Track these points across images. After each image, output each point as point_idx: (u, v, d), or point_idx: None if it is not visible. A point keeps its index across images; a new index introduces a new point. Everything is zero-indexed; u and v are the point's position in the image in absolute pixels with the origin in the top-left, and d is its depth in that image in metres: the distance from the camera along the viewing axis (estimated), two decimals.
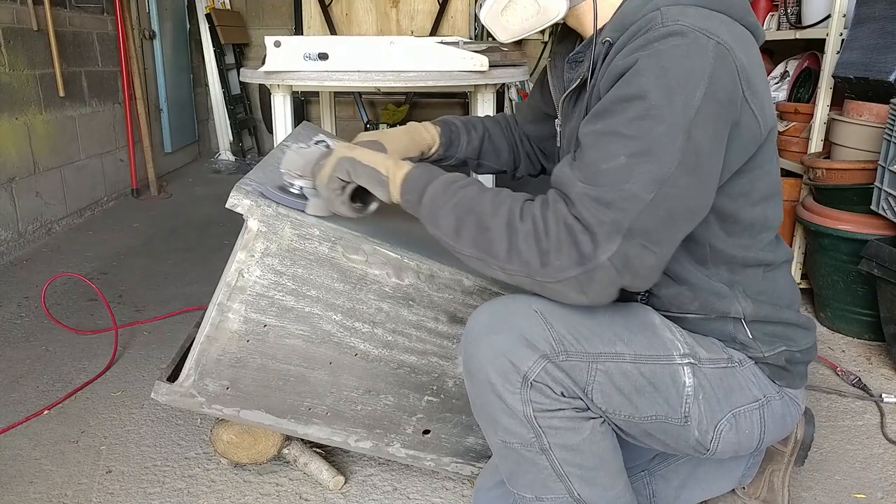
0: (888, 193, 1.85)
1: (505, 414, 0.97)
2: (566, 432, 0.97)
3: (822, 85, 2.24)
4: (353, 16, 3.62)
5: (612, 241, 0.84)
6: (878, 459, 1.52)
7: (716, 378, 1.03)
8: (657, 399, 0.99)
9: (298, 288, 1.13)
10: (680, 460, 1.22)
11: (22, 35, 2.94)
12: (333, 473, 1.39)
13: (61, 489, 1.40)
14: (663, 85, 0.86)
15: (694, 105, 0.86)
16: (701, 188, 0.90)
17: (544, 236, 0.87)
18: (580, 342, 0.96)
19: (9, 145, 2.85)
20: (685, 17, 0.90)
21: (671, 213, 0.87)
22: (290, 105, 1.93)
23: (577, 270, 0.86)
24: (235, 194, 1.07)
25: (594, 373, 0.96)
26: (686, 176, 0.86)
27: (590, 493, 1.01)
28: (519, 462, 1.01)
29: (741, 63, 0.89)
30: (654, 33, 0.90)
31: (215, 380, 1.17)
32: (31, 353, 1.99)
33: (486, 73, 1.80)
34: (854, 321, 2.11)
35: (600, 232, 0.85)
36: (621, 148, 0.87)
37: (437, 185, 0.98)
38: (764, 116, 0.95)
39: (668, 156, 0.85)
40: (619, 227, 0.84)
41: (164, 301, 2.38)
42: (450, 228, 0.94)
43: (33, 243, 3.01)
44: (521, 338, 0.95)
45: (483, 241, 0.91)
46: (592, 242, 0.85)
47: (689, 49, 0.87)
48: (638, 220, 0.85)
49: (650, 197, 0.85)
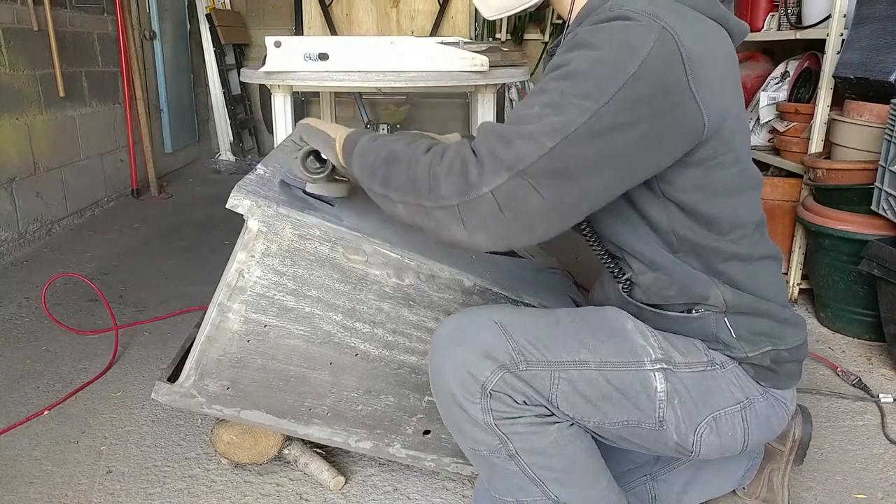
0: (888, 194, 1.85)
1: (468, 423, 0.98)
2: (531, 436, 0.98)
3: (823, 85, 2.24)
4: (354, 16, 3.62)
5: (498, 175, 0.85)
6: (879, 460, 1.52)
7: (692, 382, 1.02)
8: (626, 405, 0.99)
9: (299, 288, 1.13)
10: (682, 464, 1.22)
11: (22, 35, 2.94)
12: (334, 474, 1.39)
13: (61, 489, 1.40)
14: (593, 57, 0.87)
15: (620, 81, 0.84)
16: (608, 160, 0.87)
17: (438, 164, 0.89)
18: (541, 351, 0.97)
19: (9, 145, 2.85)
20: (635, 3, 0.90)
21: (569, 169, 0.85)
22: (290, 105, 1.93)
23: (458, 199, 0.87)
24: (236, 194, 1.07)
25: (556, 381, 0.97)
26: (591, 139, 0.85)
27: (567, 494, 1.02)
28: (491, 468, 1.02)
29: (688, 51, 0.87)
30: (601, 16, 0.91)
31: (216, 380, 1.17)
32: (31, 354, 1.99)
33: (486, 74, 1.80)
34: (854, 321, 2.11)
35: (488, 164, 0.85)
36: (537, 101, 0.88)
37: (370, 136, 1.02)
38: (710, 108, 0.90)
39: (576, 113, 0.85)
40: (510, 166, 0.84)
41: (164, 301, 2.38)
42: (367, 166, 0.98)
43: (34, 243, 3.01)
44: (480, 349, 0.96)
45: (389, 175, 0.94)
46: (479, 175, 0.86)
47: (629, 30, 0.87)
48: (535, 163, 0.84)
49: (550, 145, 0.84)
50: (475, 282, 1.19)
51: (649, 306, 1.07)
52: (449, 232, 0.90)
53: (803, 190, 2.33)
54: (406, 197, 0.92)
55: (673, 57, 0.86)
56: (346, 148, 1.04)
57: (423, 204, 0.90)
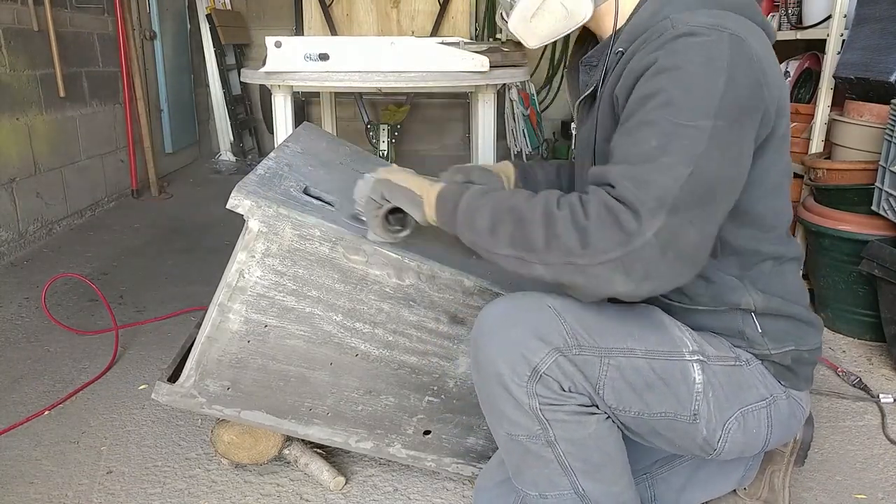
0: (889, 194, 1.85)
1: (511, 405, 0.97)
2: (572, 426, 0.98)
3: (823, 85, 2.24)
4: (354, 16, 3.62)
5: (656, 216, 0.83)
6: (879, 460, 1.52)
7: (724, 375, 1.04)
8: (667, 395, 1.00)
9: (299, 288, 1.13)
10: (682, 463, 1.22)
11: (23, 35, 2.94)
12: (334, 474, 1.39)
13: (62, 490, 1.40)
14: (683, 79, 0.88)
15: (717, 93, 0.87)
16: (735, 164, 0.91)
17: (584, 218, 0.86)
18: (592, 337, 0.97)
19: (9, 146, 2.85)
20: (695, 19, 0.93)
21: (710, 188, 0.87)
22: (290, 105, 1.93)
23: (620, 251, 0.83)
24: (236, 195, 1.07)
25: (606, 368, 0.97)
26: (719, 151, 0.87)
27: (594, 488, 1.02)
28: (524, 455, 1.01)
29: (756, 52, 0.92)
30: (667, 35, 0.92)
31: (216, 380, 1.17)
32: (31, 354, 1.99)
33: (486, 74, 1.80)
34: (855, 322, 2.11)
35: (643, 209, 0.83)
36: (650, 134, 0.88)
37: (472, 192, 0.99)
38: (775, 106, 0.96)
39: (697, 132, 0.86)
40: (662, 203, 0.83)
41: (164, 301, 2.38)
42: (485, 228, 0.94)
43: (34, 244, 3.01)
44: (534, 331, 0.95)
45: (520, 236, 0.90)
46: (636, 220, 0.83)
47: (703, 44, 0.90)
48: (681, 194, 0.84)
49: (689, 171, 0.84)
50: (476, 282, 1.19)
51: (678, 303, 1.08)
52: (610, 286, 0.86)
53: (804, 190, 2.33)
54: (548, 257, 0.88)
55: (748, 58, 0.91)
56: (441, 207, 1.01)
57: (575, 262, 0.85)
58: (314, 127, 1.74)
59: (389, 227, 1.10)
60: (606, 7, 1.06)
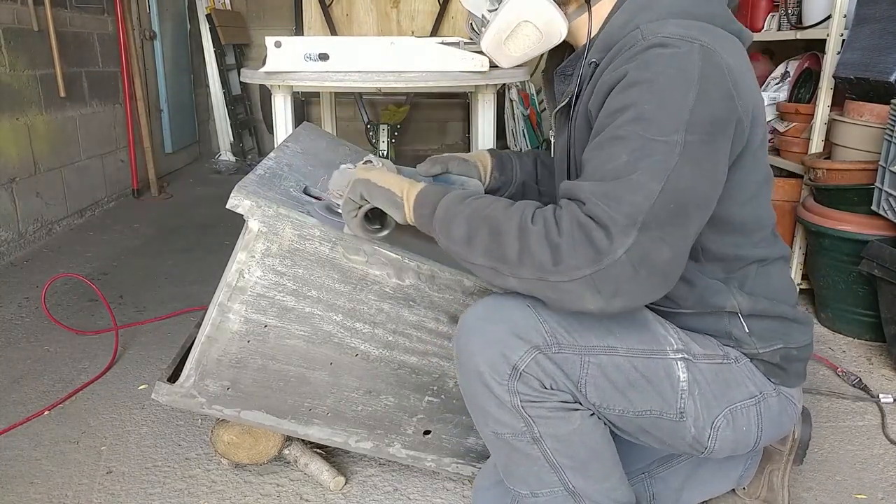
0: (889, 194, 1.85)
1: (493, 404, 0.98)
2: (555, 422, 0.98)
3: (823, 85, 2.24)
4: (354, 16, 3.62)
5: (628, 234, 0.83)
6: (879, 460, 1.52)
7: (711, 373, 1.04)
8: (651, 393, 1.00)
9: (299, 288, 1.13)
10: (680, 462, 1.22)
11: (22, 35, 2.95)
12: (334, 474, 1.39)
13: (62, 490, 1.40)
14: (654, 92, 0.88)
15: (687, 106, 0.87)
16: (707, 179, 0.90)
17: (556, 235, 0.86)
18: (572, 335, 0.97)
19: (9, 146, 2.85)
20: (665, 29, 0.92)
21: (682, 204, 0.86)
22: (290, 105, 1.93)
23: (592, 268, 0.84)
24: (236, 195, 1.07)
25: (587, 366, 0.97)
26: (691, 166, 0.87)
27: (585, 484, 1.02)
28: (511, 454, 1.02)
29: (727, 63, 0.91)
30: (638, 47, 0.92)
31: (216, 380, 1.17)
32: (31, 354, 1.99)
33: (486, 74, 1.80)
34: (854, 322, 2.11)
35: (614, 227, 0.83)
36: (621, 149, 0.88)
37: (450, 197, 0.98)
38: (749, 117, 0.95)
39: (668, 148, 0.86)
40: (633, 221, 0.83)
41: (164, 301, 2.38)
42: (461, 237, 0.94)
43: (34, 244, 3.01)
44: (513, 329, 0.96)
45: (494, 248, 0.90)
46: (608, 238, 0.83)
47: (674, 56, 0.89)
48: (651, 211, 0.84)
49: (659, 187, 0.84)
50: (476, 282, 1.19)
51: (663, 307, 1.08)
52: (580, 302, 0.86)
53: (803, 190, 2.33)
54: (521, 272, 0.88)
55: (719, 69, 0.90)
56: (419, 209, 1.00)
57: (546, 279, 0.86)
58: (314, 127, 1.74)
59: (368, 227, 1.08)
60: (580, 21, 1.06)
